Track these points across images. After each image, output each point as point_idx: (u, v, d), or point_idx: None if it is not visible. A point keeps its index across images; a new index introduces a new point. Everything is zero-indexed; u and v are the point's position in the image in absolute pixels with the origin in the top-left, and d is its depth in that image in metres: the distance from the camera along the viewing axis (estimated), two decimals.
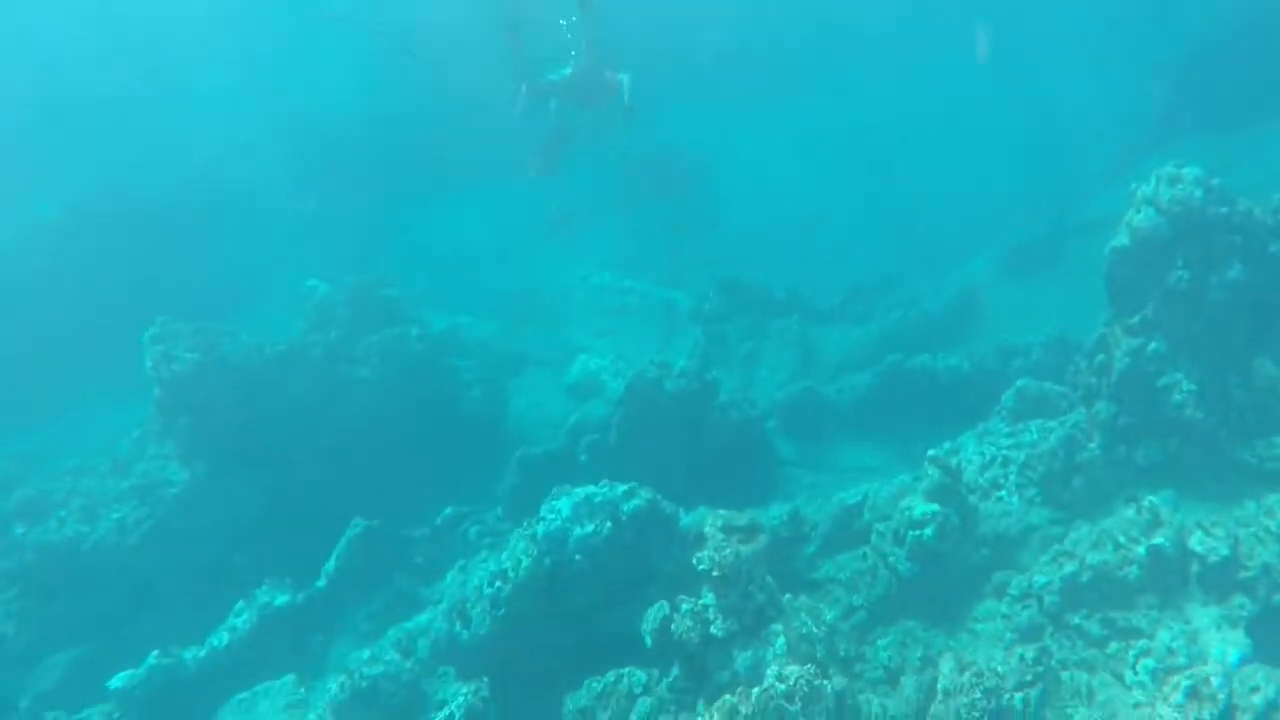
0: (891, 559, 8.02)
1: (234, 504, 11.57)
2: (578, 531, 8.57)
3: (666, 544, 8.85)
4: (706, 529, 6.95)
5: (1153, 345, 7.78)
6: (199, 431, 11.32)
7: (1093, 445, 8.13)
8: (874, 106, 22.44)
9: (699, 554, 6.91)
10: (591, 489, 8.79)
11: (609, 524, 8.60)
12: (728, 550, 6.82)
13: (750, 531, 6.92)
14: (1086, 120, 18.94)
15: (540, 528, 8.67)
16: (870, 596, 8.27)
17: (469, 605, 8.95)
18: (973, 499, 8.22)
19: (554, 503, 8.85)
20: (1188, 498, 8.00)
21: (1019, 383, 9.04)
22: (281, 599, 10.30)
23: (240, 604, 10.18)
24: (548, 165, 11.22)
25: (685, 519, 9.29)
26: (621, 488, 8.77)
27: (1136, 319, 7.85)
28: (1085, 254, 13.91)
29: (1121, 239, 7.75)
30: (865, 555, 8.50)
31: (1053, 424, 8.45)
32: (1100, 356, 8.21)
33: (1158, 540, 6.86)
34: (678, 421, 10.50)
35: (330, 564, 10.68)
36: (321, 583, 10.63)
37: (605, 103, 11.50)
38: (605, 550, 8.56)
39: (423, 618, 9.88)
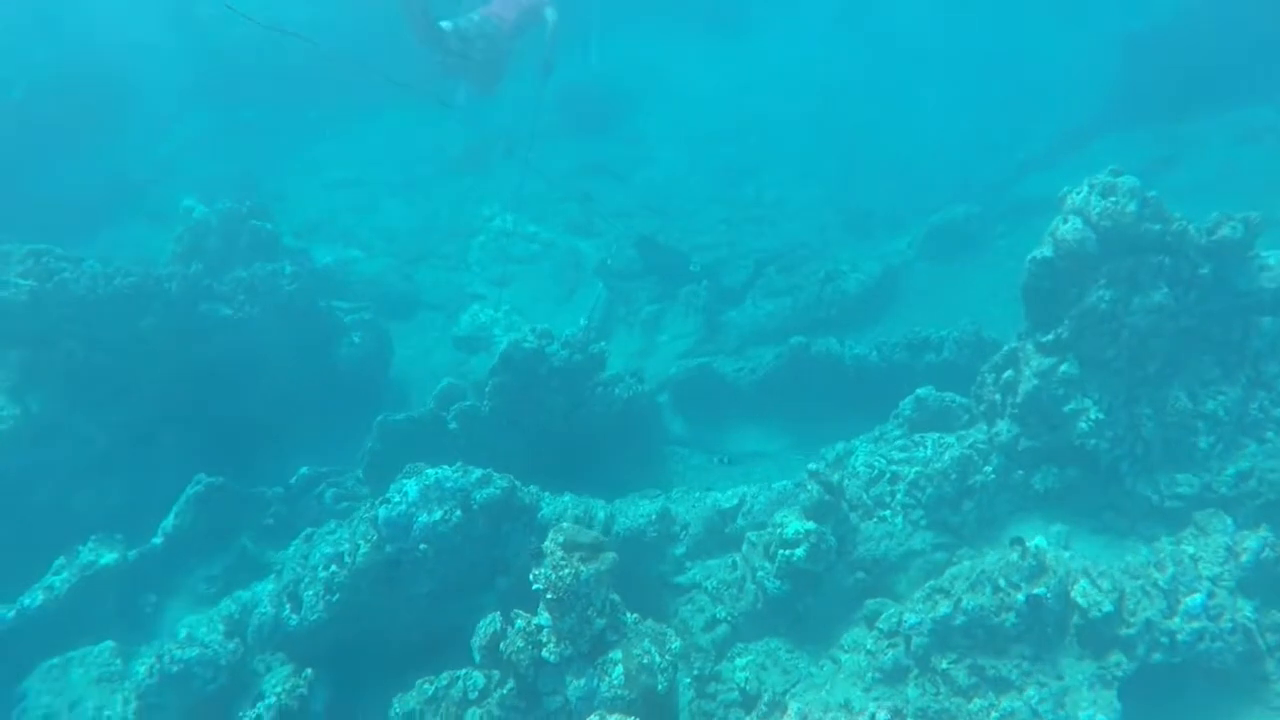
0: (760, 574, 7.39)
1: (72, 445, 10.38)
2: (424, 518, 7.73)
3: (523, 535, 8.10)
4: (546, 544, 6.16)
5: (1064, 367, 7.10)
6: (33, 365, 10.06)
7: (989, 468, 7.50)
8: (826, 52, 21.17)
9: (535, 572, 6.15)
10: (444, 471, 7.92)
11: (458, 512, 7.78)
12: (566, 570, 6.04)
13: (593, 549, 6.13)
14: (1038, 90, 18.03)
15: (383, 511, 7.81)
16: (735, 610, 7.68)
17: (302, 586, 8.12)
18: (854, 516, 7.58)
19: (402, 482, 7.98)
20: (1081, 530, 7.50)
21: (919, 391, 8.33)
22: (108, 557, 9.28)
23: (60, 560, 9.16)
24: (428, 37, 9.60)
25: (548, 507, 8.54)
26: (476, 473, 7.93)
27: (1050, 337, 7.14)
28: (1014, 239, 13.23)
29: (1044, 250, 6.96)
30: (735, 564, 7.86)
31: (950, 439, 7.78)
32: (1009, 372, 7.52)
33: (1039, 590, 6.27)
34: (558, 395, 9.62)
35: (168, 521, 9.69)
36: (157, 540, 9.65)
37: (529, 27, 10.42)
38: (453, 540, 7.77)
39: (261, 587, 9.04)
